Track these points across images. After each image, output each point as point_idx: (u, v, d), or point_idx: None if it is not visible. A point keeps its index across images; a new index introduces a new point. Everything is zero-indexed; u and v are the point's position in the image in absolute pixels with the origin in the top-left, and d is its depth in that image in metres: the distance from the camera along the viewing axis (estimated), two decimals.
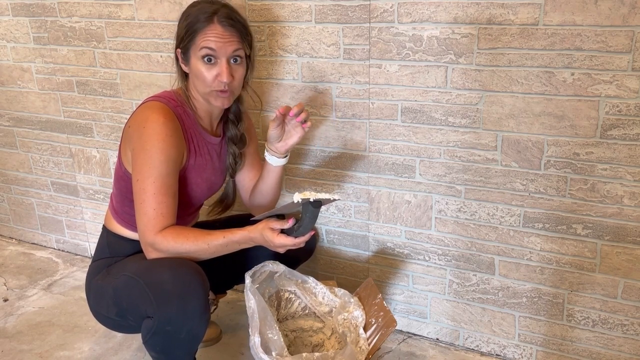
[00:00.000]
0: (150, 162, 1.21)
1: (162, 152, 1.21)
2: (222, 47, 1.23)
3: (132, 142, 1.25)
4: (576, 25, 1.23)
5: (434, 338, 1.68)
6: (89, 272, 1.42)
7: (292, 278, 1.50)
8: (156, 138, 1.21)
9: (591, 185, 1.33)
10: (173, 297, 1.17)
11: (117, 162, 1.37)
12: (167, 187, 1.23)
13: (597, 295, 1.41)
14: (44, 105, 2.06)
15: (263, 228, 1.23)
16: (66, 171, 2.13)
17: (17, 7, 1.95)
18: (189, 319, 1.19)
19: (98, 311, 1.38)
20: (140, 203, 1.22)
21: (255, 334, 1.27)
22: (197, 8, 1.26)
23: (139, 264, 1.28)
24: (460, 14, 1.33)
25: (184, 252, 1.24)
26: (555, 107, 1.31)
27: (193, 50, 1.25)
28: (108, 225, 1.42)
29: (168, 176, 1.24)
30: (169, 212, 1.23)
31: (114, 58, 1.84)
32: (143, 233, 1.23)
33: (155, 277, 1.21)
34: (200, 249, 1.24)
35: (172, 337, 1.21)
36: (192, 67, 1.27)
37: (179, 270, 1.20)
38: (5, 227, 2.42)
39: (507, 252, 1.48)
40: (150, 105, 1.27)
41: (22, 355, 1.65)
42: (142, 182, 1.22)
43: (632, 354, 1.42)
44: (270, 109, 1.65)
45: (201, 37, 1.23)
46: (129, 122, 1.29)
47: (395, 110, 1.48)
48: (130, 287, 1.25)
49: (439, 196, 1.51)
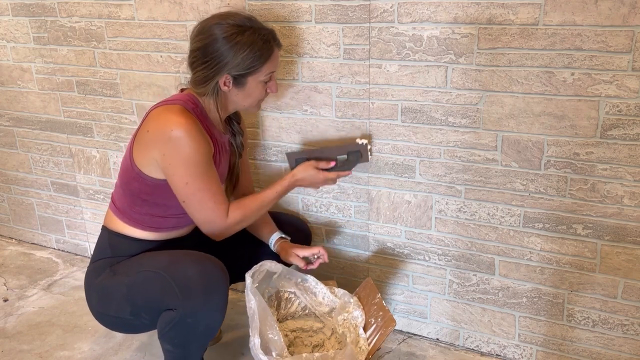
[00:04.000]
0: (193, 162, 1.25)
1: (198, 150, 1.25)
2: (277, 66, 1.37)
3: (160, 147, 1.25)
4: (576, 25, 1.23)
5: (434, 338, 1.68)
6: (88, 274, 1.41)
7: (292, 278, 1.50)
8: (189, 138, 1.24)
9: (591, 185, 1.33)
10: (198, 290, 1.22)
11: (126, 164, 1.35)
12: (214, 178, 1.31)
13: (597, 295, 1.41)
14: (44, 105, 2.06)
15: (307, 168, 1.42)
16: (66, 171, 2.13)
17: (17, 7, 1.95)
18: (211, 313, 1.24)
19: (103, 312, 1.38)
20: (197, 202, 1.29)
21: (256, 334, 1.27)
22: (249, 34, 1.26)
23: (159, 259, 1.31)
24: (460, 14, 1.33)
25: (251, 218, 1.38)
26: (555, 107, 1.31)
27: (255, 76, 1.31)
28: (110, 226, 1.41)
29: (210, 168, 1.30)
30: (224, 197, 1.34)
31: (114, 58, 1.84)
32: (212, 224, 1.32)
33: (181, 270, 1.25)
34: (262, 208, 1.40)
35: (191, 330, 1.25)
36: (246, 88, 1.32)
37: (205, 264, 1.25)
38: (5, 227, 2.42)
39: (507, 252, 1.48)
40: (169, 109, 1.27)
41: (22, 355, 1.65)
42: (193, 182, 1.27)
43: (632, 354, 1.42)
44: (270, 109, 1.65)
45: (268, 65, 1.31)
46: (147, 127, 1.28)
47: (395, 110, 1.48)
48: (150, 281, 1.27)
49: (439, 196, 1.51)
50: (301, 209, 1.73)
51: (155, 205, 1.35)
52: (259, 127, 1.69)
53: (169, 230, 1.41)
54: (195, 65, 1.29)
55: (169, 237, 1.42)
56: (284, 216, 1.61)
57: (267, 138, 1.69)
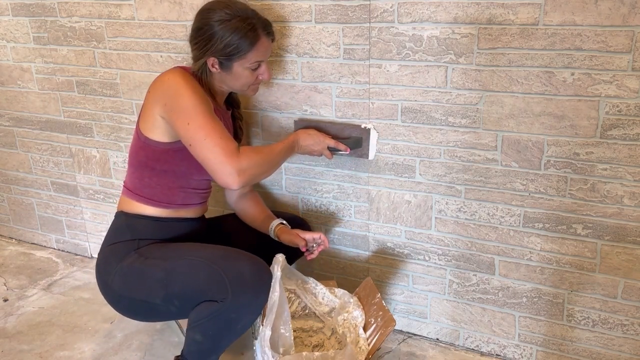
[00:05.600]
0: (192, 102, 1.26)
1: (195, 94, 1.27)
2: (267, 55, 1.38)
3: (160, 99, 1.30)
4: (576, 25, 1.23)
5: (434, 338, 1.68)
6: (104, 257, 1.39)
7: (292, 278, 1.50)
8: (184, 81, 1.28)
9: (591, 185, 1.33)
10: (249, 287, 1.23)
11: (134, 138, 1.40)
12: (217, 121, 1.28)
13: (597, 295, 1.41)
14: (44, 105, 2.06)
15: (309, 129, 1.49)
16: (66, 171, 2.13)
17: (17, 7, 1.95)
18: (253, 312, 1.26)
19: (126, 295, 1.35)
20: (203, 139, 1.25)
21: (268, 326, 1.26)
22: (236, 21, 1.29)
23: (208, 250, 1.32)
24: (460, 14, 1.33)
25: (265, 164, 1.33)
26: (555, 107, 1.31)
27: (240, 62, 1.33)
28: (125, 209, 1.43)
29: (212, 112, 1.29)
30: (230, 137, 1.28)
31: (114, 58, 1.84)
32: (223, 164, 1.24)
33: (234, 265, 1.25)
34: (273, 156, 1.36)
35: (230, 325, 1.26)
36: (233, 72, 1.35)
37: (258, 264, 1.27)
38: (5, 227, 2.42)
39: (507, 252, 1.48)
40: (169, 70, 1.34)
41: (22, 355, 1.65)
42: (195, 120, 1.25)
43: (632, 354, 1.42)
44: (270, 109, 1.65)
45: (254, 53, 1.32)
46: (149, 90, 1.34)
47: (395, 110, 1.48)
48: (196, 270, 1.27)
49: (439, 196, 1.51)
50: (301, 209, 1.73)
51: (164, 173, 1.38)
52: (259, 127, 1.69)
53: (180, 207, 1.43)
54: (190, 43, 1.37)
55: (182, 215, 1.44)
56: (283, 215, 1.61)
57: (267, 138, 1.69)
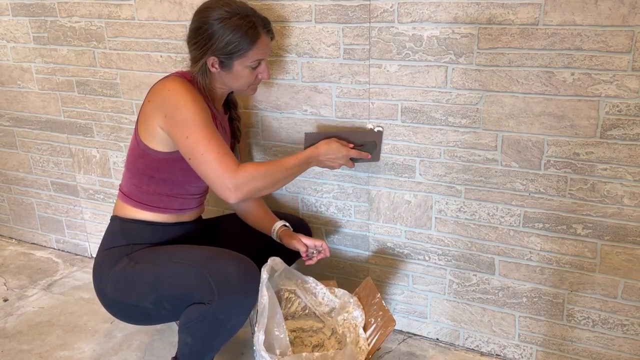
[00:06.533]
0: (191, 115, 1.25)
1: (195, 105, 1.26)
2: (266, 53, 1.36)
3: (160, 110, 1.29)
4: (576, 25, 1.23)
5: (434, 338, 1.68)
6: (99, 262, 1.40)
7: (292, 278, 1.50)
8: (185, 93, 1.27)
9: (591, 185, 1.33)
10: (236, 288, 1.23)
11: (132, 145, 1.39)
12: (216, 133, 1.27)
13: (597, 295, 1.41)
14: (44, 105, 2.06)
15: (330, 142, 1.39)
16: (66, 171, 2.13)
17: (17, 7, 1.95)
18: (242, 312, 1.26)
19: (119, 300, 1.37)
20: (201, 154, 1.24)
21: (261, 330, 1.26)
22: (236, 19, 1.28)
23: (193, 252, 1.32)
24: (460, 13, 1.33)
25: (266, 179, 1.27)
26: (555, 107, 1.31)
27: (241, 61, 1.31)
28: (120, 213, 1.43)
29: (211, 124, 1.27)
30: (229, 151, 1.26)
31: (114, 58, 1.84)
32: (221, 178, 1.24)
33: (220, 267, 1.25)
34: (278, 171, 1.30)
35: (219, 326, 1.27)
36: (233, 72, 1.33)
37: (244, 263, 1.26)
38: (5, 227, 2.42)
39: (507, 252, 1.48)
40: (168, 78, 1.33)
41: (22, 355, 1.65)
42: (194, 134, 1.25)
43: (632, 354, 1.42)
44: (270, 109, 1.65)
45: (254, 51, 1.31)
46: (148, 97, 1.33)
47: (395, 110, 1.48)
48: (182, 273, 1.28)
49: (439, 196, 1.51)
50: (301, 209, 1.73)
51: (162, 182, 1.37)
52: (259, 127, 1.69)
53: (176, 212, 1.43)
54: (189, 44, 1.35)
55: (178, 219, 1.44)
56: (283, 215, 1.61)
57: (267, 138, 1.69)
